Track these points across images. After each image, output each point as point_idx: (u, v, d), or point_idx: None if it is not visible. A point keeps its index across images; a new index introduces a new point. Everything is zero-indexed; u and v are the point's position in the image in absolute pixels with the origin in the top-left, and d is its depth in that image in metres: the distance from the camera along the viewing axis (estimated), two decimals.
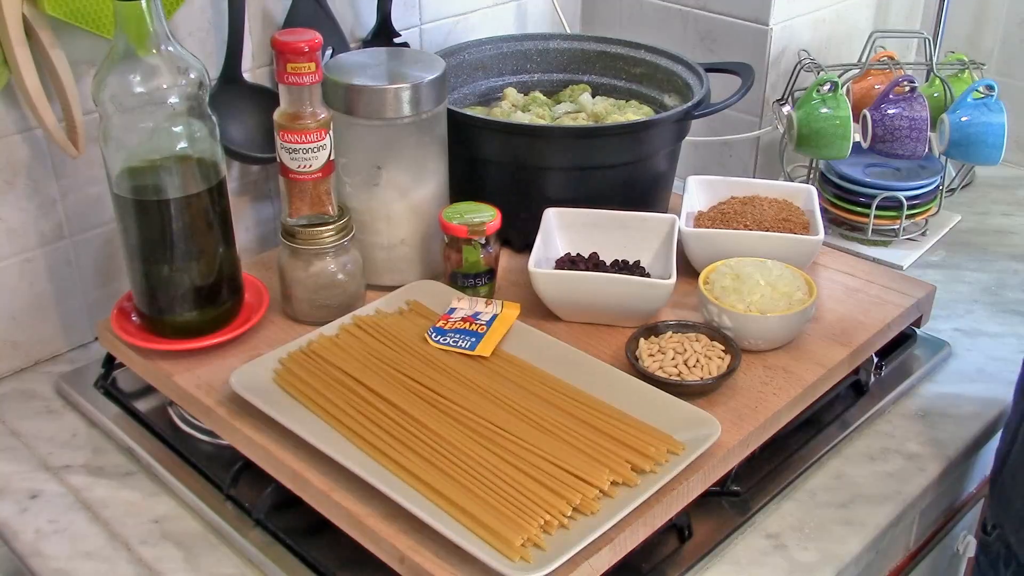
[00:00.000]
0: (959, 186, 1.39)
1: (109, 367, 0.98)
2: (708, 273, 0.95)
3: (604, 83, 1.23)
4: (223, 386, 0.85)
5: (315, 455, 0.77)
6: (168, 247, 0.85)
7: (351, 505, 0.73)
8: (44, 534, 0.81)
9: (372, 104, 0.93)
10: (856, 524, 0.83)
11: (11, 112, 0.91)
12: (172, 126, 0.82)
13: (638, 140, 1.04)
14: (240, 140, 1.04)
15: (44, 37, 0.86)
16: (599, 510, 0.71)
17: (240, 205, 1.11)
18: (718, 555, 0.79)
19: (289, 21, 1.06)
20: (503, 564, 0.66)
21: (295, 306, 0.95)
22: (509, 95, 1.18)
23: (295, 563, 0.78)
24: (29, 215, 0.96)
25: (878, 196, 1.21)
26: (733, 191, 1.10)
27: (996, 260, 1.23)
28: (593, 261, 0.99)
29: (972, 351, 1.05)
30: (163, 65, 0.80)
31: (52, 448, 0.91)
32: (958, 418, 0.95)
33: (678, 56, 1.17)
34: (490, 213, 0.97)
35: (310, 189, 0.91)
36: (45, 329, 1.01)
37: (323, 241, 0.92)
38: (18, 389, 0.99)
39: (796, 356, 0.91)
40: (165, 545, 0.80)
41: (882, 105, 1.21)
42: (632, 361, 0.87)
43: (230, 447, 0.84)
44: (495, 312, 0.92)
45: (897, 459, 0.90)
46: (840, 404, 0.96)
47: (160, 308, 0.88)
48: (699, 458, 0.76)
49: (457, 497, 0.71)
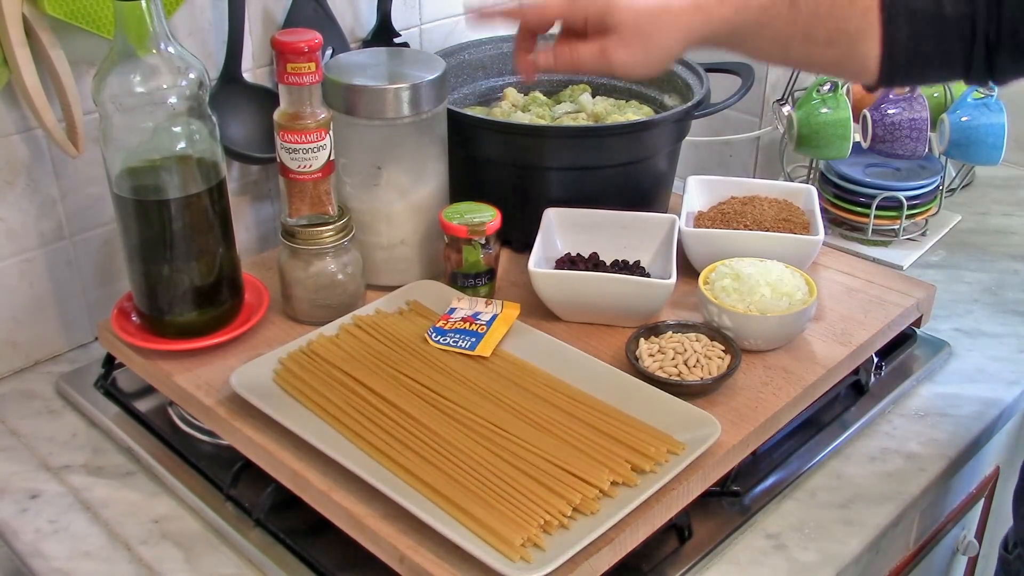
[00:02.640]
0: (959, 186, 1.39)
1: (109, 367, 0.98)
2: (708, 273, 0.95)
3: (604, 83, 1.23)
4: (223, 386, 0.85)
5: (315, 455, 0.77)
6: (168, 247, 0.85)
7: (351, 505, 0.73)
8: (44, 534, 0.82)
9: (372, 104, 0.93)
10: (856, 524, 0.83)
11: (11, 112, 0.91)
12: (172, 126, 0.82)
13: (638, 140, 1.04)
14: (240, 140, 1.04)
15: (44, 37, 0.86)
16: (599, 510, 0.71)
17: (240, 205, 1.11)
18: (718, 555, 0.79)
19: (289, 21, 1.06)
20: (503, 564, 0.66)
21: (295, 306, 0.95)
22: (509, 95, 1.18)
23: (295, 563, 0.78)
24: (29, 215, 0.96)
25: (878, 196, 1.21)
26: (733, 191, 1.10)
27: (996, 260, 1.23)
28: (593, 261, 0.99)
29: (972, 351, 1.05)
30: (163, 65, 0.80)
31: (52, 448, 0.91)
32: (958, 418, 0.95)
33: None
34: (490, 213, 0.97)
35: (310, 189, 0.91)
36: (45, 329, 1.01)
37: (323, 241, 0.92)
38: (18, 389, 0.99)
39: (796, 356, 0.91)
40: (165, 545, 0.80)
41: (882, 105, 1.21)
42: (632, 361, 0.87)
43: (230, 447, 0.84)
44: (495, 312, 0.92)
45: (897, 459, 0.90)
46: (840, 404, 0.96)
47: (160, 308, 0.88)
48: (699, 458, 0.76)
49: (457, 497, 0.71)
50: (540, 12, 0.83)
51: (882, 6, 0.77)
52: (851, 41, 0.78)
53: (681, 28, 0.79)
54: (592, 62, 0.81)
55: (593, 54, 0.80)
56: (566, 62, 0.82)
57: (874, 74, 0.79)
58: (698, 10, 0.79)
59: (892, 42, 0.77)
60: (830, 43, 0.78)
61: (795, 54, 0.81)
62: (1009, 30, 0.75)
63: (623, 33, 0.79)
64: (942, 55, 0.77)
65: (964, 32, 0.76)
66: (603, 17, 0.80)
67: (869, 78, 0.80)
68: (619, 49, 0.79)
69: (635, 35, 0.79)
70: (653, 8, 0.79)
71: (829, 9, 0.77)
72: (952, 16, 0.76)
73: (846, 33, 0.78)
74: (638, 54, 0.79)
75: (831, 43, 0.78)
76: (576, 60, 0.81)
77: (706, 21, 0.79)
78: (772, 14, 0.78)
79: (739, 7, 0.79)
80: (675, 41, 0.80)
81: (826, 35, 0.78)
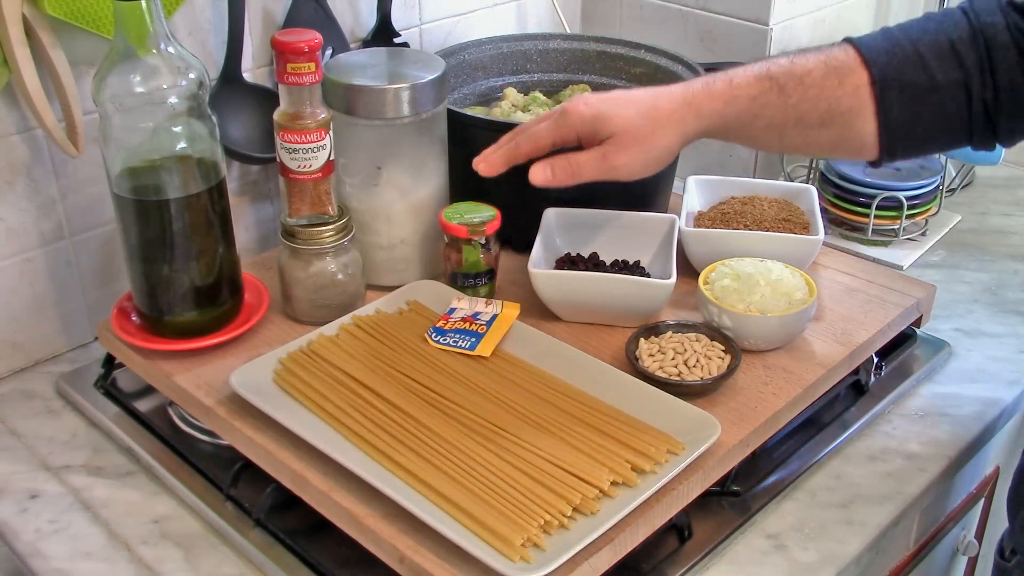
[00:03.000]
0: (959, 186, 1.39)
1: (109, 367, 0.98)
2: (708, 273, 0.95)
3: (604, 83, 1.23)
4: (223, 386, 0.85)
5: (315, 455, 0.77)
6: (168, 247, 0.85)
7: (351, 505, 0.73)
8: (44, 534, 0.82)
9: (372, 104, 0.93)
10: (856, 524, 0.83)
11: (11, 112, 0.91)
12: (172, 126, 0.82)
13: None
14: (240, 140, 1.04)
15: (44, 37, 0.86)
16: (599, 510, 0.71)
17: (240, 205, 1.11)
18: (718, 555, 0.79)
19: (289, 21, 1.06)
20: (503, 564, 0.66)
21: (295, 306, 0.95)
22: (509, 95, 1.18)
23: (295, 563, 0.78)
24: (29, 215, 0.96)
25: (878, 196, 1.21)
26: (733, 191, 1.10)
27: (996, 260, 1.23)
28: (593, 261, 0.99)
29: (972, 351, 1.05)
30: (163, 65, 0.80)
31: (52, 448, 0.91)
32: (958, 418, 0.95)
33: (678, 56, 1.17)
34: (490, 213, 0.97)
35: (310, 189, 0.91)
36: (45, 329, 1.01)
37: (323, 241, 0.92)
38: (18, 389, 0.99)
39: (796, 356, 0.91)
40: (165, 545, 0.80)
41: None
42: (632, 361, 0.87)
43: (230, 447, 0.84)
44: (495, 312, 0.92)
45: (897, 459, 0.90)
46: (840, 404, 0.96)
47: (160, 308, 0.88)
48: (699, 458, 0.76)
49: (457, 497, 0.71)
50: (534, 143, 0.85)
51: (872, 82, 0.77)
52: (846, 121, 0.78)
53: (675, 126, 0.81)
54: (593, 169, 0.82)
55: (594, 162, 0.82)
56: (566, 175, 0.83)
57: (874, 150, 0.79)
58: (688, 106, 0.80)
59: (887, 117, 0.77)
60: (824, 124, 0.79)
61: (791, 140, 0.81)
62: (1007, 92, 0.75)
63: (621, 139, 0.81)
64: (941, 124, 0.77)
65: (959, 98, 0.76)
66: (596, 130, 0.82)
67: (869, 154, 0.80)
68: (619, 153, 0.81)
69: (633, 139, 0.81)
70: (644, 111, 0.81)
71: (819, 92, 0.78)
72: (945, 83, 0.76)
73: (839, 113, 0.78)
74: (638, 156, 0.81)
75: (825, 124, 0.78)
76: (576, 171, 0.83)
77: (698, 116, 0.81)
78: (762, 103, 0.79)
79: (728, 99, 0.80)
80: (671, 140, 0.81)
81: (819, 117, 0.78)
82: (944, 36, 0.77)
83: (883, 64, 0.78)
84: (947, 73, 0.76)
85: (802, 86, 0.78)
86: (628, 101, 0.83)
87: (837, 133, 0.79)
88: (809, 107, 0.78)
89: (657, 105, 0.81)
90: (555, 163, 0.83)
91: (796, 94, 0.78)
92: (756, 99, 0.79)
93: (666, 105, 0.81)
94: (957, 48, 0.76)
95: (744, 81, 0.80)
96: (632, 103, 0.82)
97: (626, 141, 0.81)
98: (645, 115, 0.81)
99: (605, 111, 0.82)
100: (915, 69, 0.77)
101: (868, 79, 0.77)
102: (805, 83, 0.78)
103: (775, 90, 0.78)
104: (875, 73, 0.77)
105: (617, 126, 0.81)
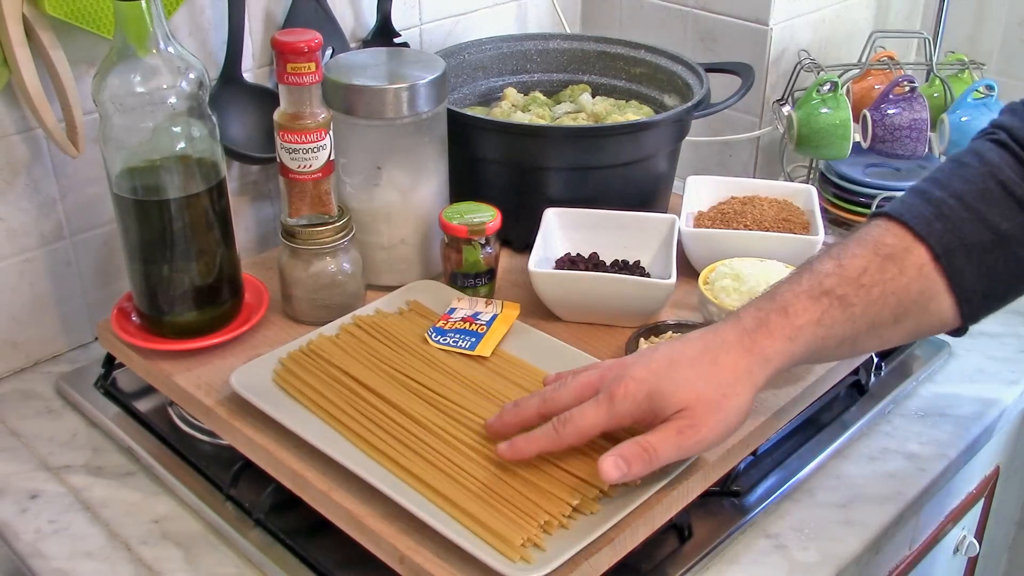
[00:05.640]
0: None
1: (109, 367, 0.98)
2: (708, 273, 0.95)
3: (604, 83, 1.23)
4: (223, 386, 0.85)
5: (315, 455, 0.77)
6: (168, 247, 0.85)
7: (351, 505, 0.73)
8: (44, 534, 0.82)
9: (372, 104, 0.93)
10: (856, 524, 0.83)
11: (11, 112, 0.91)
12: (172, 126, 0.82)
13: (638, 140, 1.04)
14: (240, 140, 1.04)
15: (44, 37, 0.86)
16: (599, 510, 0.71)
17: (240, 205, 1.11)
18: (718, 555, 0.79)
19: (289, 21, 1.06)
20: (503, 564, 0.66)
21: (295, 306, 0.95)
22: (509, 95, 1.18)
23: (295, 563, 0.78)
24: (29, 215, 0.96)
25: (878, 196, 1.21)
26: (733, 191, 1.10)
27: None
28: (593, 261, 0.99)
29: (972, 351, 1.05)
30: (163, 65, 0.80)
31: (52, 448, 0.91)
32: (958, 418, 0.95)
33: (678, 56, 1.17)
34: (490, 213, 0.97)
35: (310, 189, 0.91)
36: (45, 329, 1.01)
37: (323, 241, 0.92)
38: (18, 389, 0.99)
39: None
40: (165, 545, 0.80)
41: (882, 105, 1.21)
42: None
43: (230, 447, 0.84)
44: (495, 312, 0.92)
45: (897, 459, 0.90)
46: (840, 404, 0.96)
47: (160, 308, 0.88)
48: (699, 458, 0.76)
49: (457, 497, 0.71)
50: (579, 437, 0.72)
51: (934, 256, 0.71)
52: (920, 307, 0.72)
53: (743, 382, 0.70)
54: (671, 452, 0.70)
55: (670, 442, 0.69)
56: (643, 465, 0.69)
57: (955, 322, 0.74)
58: (750, 354, 0.71)
59: (962, 288, 0.72)
60: (899, 320, 0.72)
61: (868, 345, 0.75)
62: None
63: (692, 413, 0.69)
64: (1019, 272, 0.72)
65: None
66: (653, 408, 0.70)
67: (952, 327, 0.75)
68: (697, 429, 0.69)
69: (705, 410, 0.69)
70: (705, 375, 0.70)
71: (883, 289, 0.70)
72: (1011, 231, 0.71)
73: (911, 302, 0.71)
74: (717, 427, 0.70)
75: (900, 320, 0.72)
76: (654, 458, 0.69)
77: (764, 362, 0.71)
78: (828, 324, 0.71)
79: (791, 334, 0.71)
80: (744, 399, 0.70)
81: (892, 315, 0.71)
82: (991, 180, 0.71)
83: (939, 233, 0.71)
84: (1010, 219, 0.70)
85: (863, 289, 0.70)
86: (682, 366, 0.71)
87: (913, 322, 0.72)
88: (878, 308, 0.71)
89: (717, 363, 0.70)
90: (628, 456, 0.69)
91: (860, 301, 0.70)
92: (820, 322, 0.71)
93: (727, 361, 0.70)
94: (1010, 189, 0.71)
95: (801, 307, 0.71)
96: (687, 366, 0.71)
97: (699, 413, 0.69)
98: (708, 379, 0.70)
99: (660, 387, 0.70)
100: (974, 227, 0.71)
101: (929, 255, 0.71)
102: (865, 284, 0.70)
103: (837, 305, 0.70)
104: (934, 246, 0.71)
105: (681, 400, 0.69)
